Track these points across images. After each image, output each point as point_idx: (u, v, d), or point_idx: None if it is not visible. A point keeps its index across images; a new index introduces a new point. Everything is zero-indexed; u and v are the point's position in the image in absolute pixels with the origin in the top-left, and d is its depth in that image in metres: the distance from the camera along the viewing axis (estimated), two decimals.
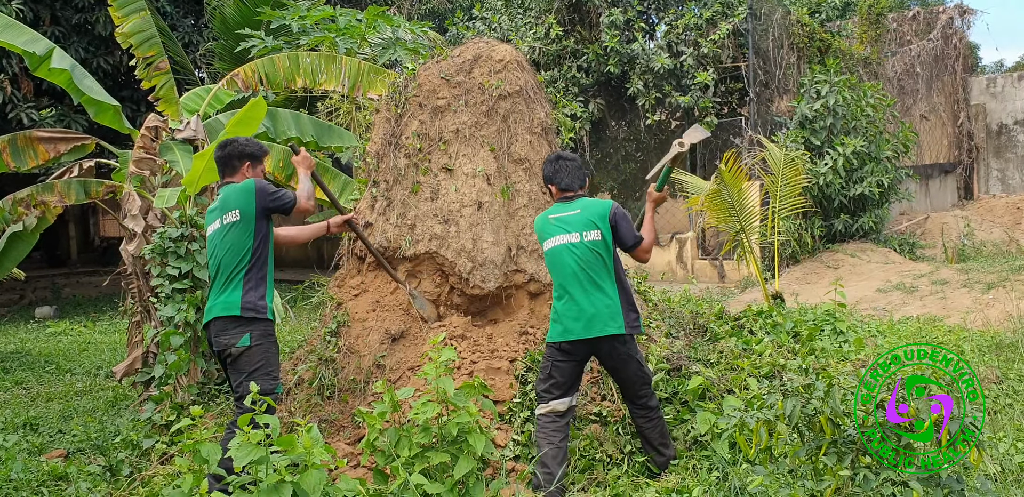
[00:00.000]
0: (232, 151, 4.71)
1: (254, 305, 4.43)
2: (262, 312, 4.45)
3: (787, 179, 8.69)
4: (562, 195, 4.72)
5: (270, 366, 4.41)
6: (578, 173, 4.74)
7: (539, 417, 4.56)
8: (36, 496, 4.96)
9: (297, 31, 9.56)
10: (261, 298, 4.47)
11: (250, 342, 4.38)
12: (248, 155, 4.72)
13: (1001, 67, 29.56)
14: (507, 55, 5.92)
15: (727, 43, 13.39)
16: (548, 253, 4.62)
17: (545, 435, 4.47)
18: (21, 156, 7.87)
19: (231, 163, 4.71)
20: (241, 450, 3.28)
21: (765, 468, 3.72)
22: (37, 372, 9.20)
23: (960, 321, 8.77)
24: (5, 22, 7.28)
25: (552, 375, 4.52)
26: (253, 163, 4.74)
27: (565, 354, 4.51)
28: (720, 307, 7.10)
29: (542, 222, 4.70)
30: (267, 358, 4.42)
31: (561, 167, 4.73)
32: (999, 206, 18.04)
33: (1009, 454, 4.60)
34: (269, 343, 4.45)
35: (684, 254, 14.68)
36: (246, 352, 4.38)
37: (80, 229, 23.64)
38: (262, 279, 4.52)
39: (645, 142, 15.81)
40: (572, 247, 4.53)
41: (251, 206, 4.50)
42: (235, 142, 4.76)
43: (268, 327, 4.48)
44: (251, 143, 4.80)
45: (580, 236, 4.54)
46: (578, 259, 4.50)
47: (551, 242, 4.59)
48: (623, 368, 4.55)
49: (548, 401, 4.52)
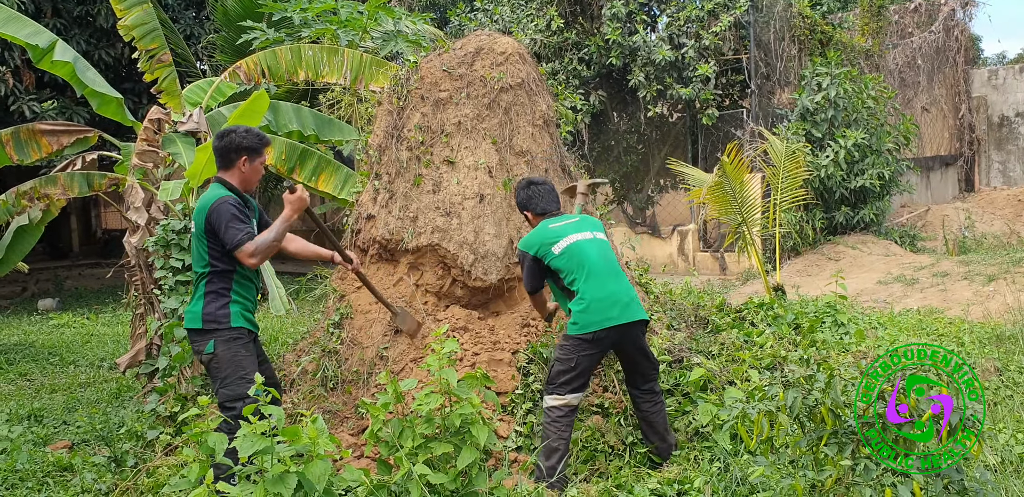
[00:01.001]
0: (228, 143, 4.39)
1: (214, 317, 4.30)
2: (224, 322, 4.30)
3: (788, 171, 8.69)
4: (539, 220, 4.81)
5: (241, 369, 4.26)
6: (551, 196, 4.84)
7: (552, 409, 4.49)
8: (41, 487, 4.99)
9: (299, 23, 9.55)
10: (223, 307, 4.30)
11: (214, 349, 4.27)
12: (245, 148, 4.39)
13: (1003, 59, 29.49)
14: (509, 47, 5.92)
15: (728, 35, 13.36)
16: (568, 249, 4.56)
17: (557, 431, 4.44)
18: (24, 149, 7.89)
19: (228, 156, 4.40)
20: (246, 440, 3.30)
21: (766, 459, 3.75)
22: (41, 364, 9.23)
23: (961, 313, 8.79)
24: (8, 14, 7.28)
25: (575, 367, 4.45)
26: (251, 156, 4.42)
27: (594, 345, 4.47)
28: (721, 299, 7.12)
29: (542, 232, 4.68)
30: (236, 362, 4.27)
31: (533, 193, 4.83)
32: (1000, 198, 18.03)
33: (1009, 445, 4.63)
34: (237, 346, 4.30)
35: (686, 246, 14.69)
36: (213, 359, 4.29)
37: (82, 221, 23.65)
38: (224, 290, 4.34)
39: (646, 134, 15.80)
40: (590, 241, 4.61)
41: (200, 226, 4.30)
42: (232, 133, 4.41)
43: (235, 333, 4.32)
44: (250, 134, 4.43)
45: (592, 234, 4.65)
46: (599, 251, 4.59)
47: (567, 241, 4.59)
48: (642, 354, 4.63)
49: (564, 394, 4.48)
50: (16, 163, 8.01)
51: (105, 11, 14.26)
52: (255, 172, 4.48)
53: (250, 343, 4.40)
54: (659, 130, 15.71)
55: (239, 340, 4.33)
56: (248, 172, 4.44)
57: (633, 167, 15.95)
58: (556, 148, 6.05)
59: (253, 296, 4.48)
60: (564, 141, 7.01)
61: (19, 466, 5.24)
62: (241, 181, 4.45)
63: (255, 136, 4.45)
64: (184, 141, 7.18)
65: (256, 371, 4.18)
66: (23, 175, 12.56)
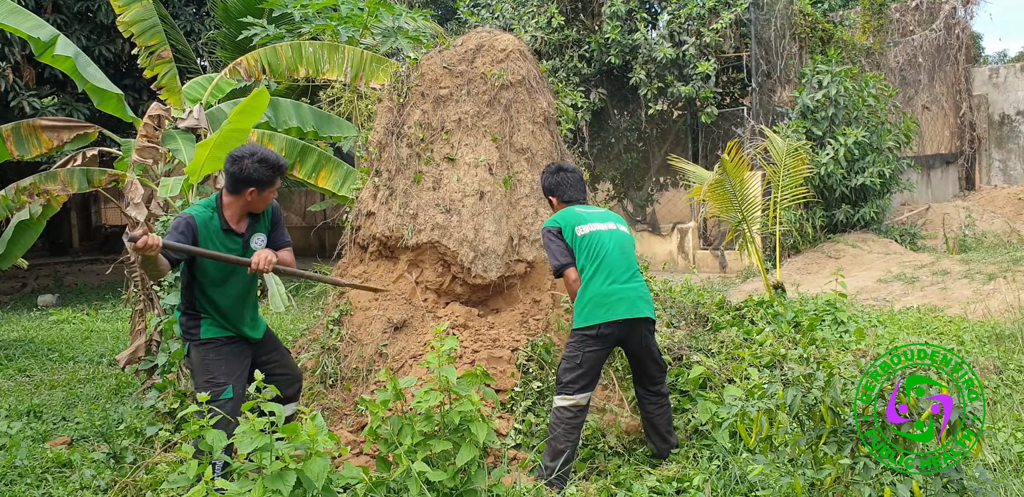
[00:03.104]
0: (238, 172, 4.16)
1: (186, 328, 4.39)
2: (194, 333, 4.33)
3: (789, 169, 8.68)
4: (565, 206, 4.75)
5: (208, 374, 4.27)
6: (580, 186, 4.79)
7: (560, 410, 4.43)
8: (40, 483, 4.99)
9: (299, 19, 9.54)
10: (193, 322, 4.34)
11: (188, 353, 4.41)
12: (255, 181, 4.18)
13: (1004, 57, 29.48)
14: (509, 45, 5.91)
15: (729, 33, 13.36)
16: (587, 236, 4.52)
17: (564, 432, 4.38)
18: (25, 144, 7.89)
19: (236, 184, 4.20)
20: (245, 437, 3.30)
21: (765, 457, 3.74)
22: (40, 360, 9.23)
23: (961, 311, 8.79)
24: (9, 8, 7.28)
25: (581, 364, 4.40)
26: (260, 189, 4.21)
27: (599, 340, 4.41)
28: (721, 297, 7.12)
29: (570, 213, 4.63)
30: (204, 366, 4.29)
31: (562, 180, 4.77)
32: (1001, 197, 18.03)
33: (1008, 444, 4.63)
34: (207, 351, 4.31)
35: (686, 244, 14.69)
36: (189, 361, 4.43)
37: (82, 217, 23.66)
38: (191, 307, 4.34)
39: (647, 132, 15.79)
40: (611, 233, 4.56)
41: None
42: (246, 160, 4.15)
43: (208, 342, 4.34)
44: (264, 166, 4.17)
45: (615, 226, 4.61)
46: (618, 244, 4.54)
47: (588, 227, 4.54)
48: (648, 353, 4.58)
49: (573, 393, 4.41)
50: (17, 158, 8.01)
51: (105, 7, 14.27)
52: (263, 201, 4.33)
53: (224, 346, 4.36)
54: (659, 128, 15.71)
55: (210, 345, 4.34)
56: (254, 201, 4.29)
57: (633, 165, 15.95)
58: (556, 145, 6.04)
59: (229, 306, 4.37)
60: (564, 138, 7.00)
61: (18, 462, 5.23)
62: (242, 207, 4.32)
63: (269, 168, 4.20)
64: (184, 137, 7.17)
65: (227, 374, 4.26)
66: (23, 171, 12.55)
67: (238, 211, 4.33)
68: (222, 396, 4.20)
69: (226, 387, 4.25)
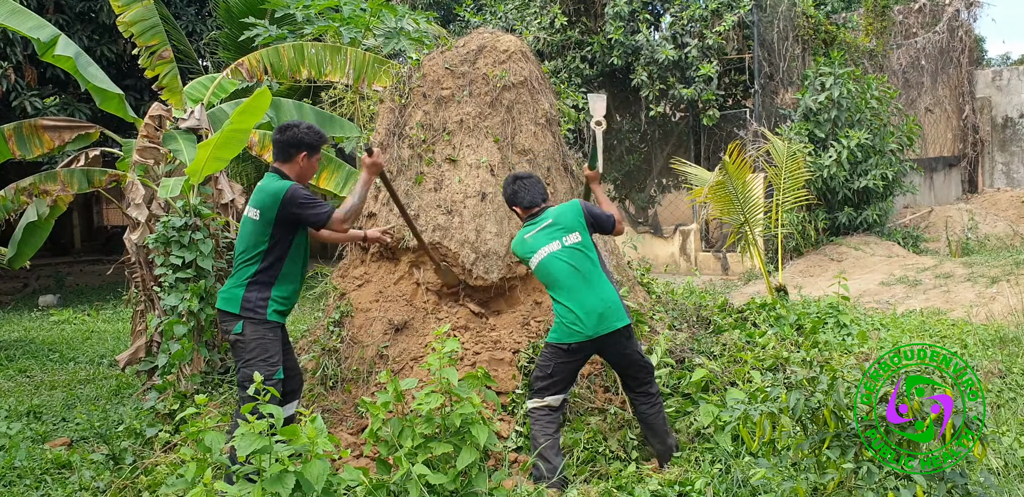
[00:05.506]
0: (290, 138, 4.45)
1: (253, 305, 4.38)
2: (260, 313, 4.38)
3: (791, 171, 8.67)
4: (528, 213, 4.79)
5: (266, 353, 4.36)
6: (537, 188, 4.83)
7: (532, 411, 4.56)
8: (39, 484, 4.98)
9: (301, 20, 9.52)
10: (263, 300, 4.39)
11: (242, 330, 4.36)
12: (306, 145, 4.46)
13: (1007, 60, 29.47)
14: (512, 45, 5.90)
15: (732, 35, 13.35)
16: (538, 268, 4.61)
17: (540, 428, 4.49)
18: (27, 144, 7.87)
19: (287, 150, 4.46)
20: (245, 439, 3.28)
21: (768, 461, 3.72)
22: (41, 360, 9.22)
23: (964, 315, 8.76)
24: (11, 7, 7.26)
25: (552, 374, 4.51)
26: (310, 153, 4.49)
27: (570, 354, 4.49)
28: (723, 299, 7.09)
29: (519, 243, 4.73)
30: (262, 345, 4.36)
31: (519, 187, 4.82)
32: (1004, 200, 18.00)
33: (1013, 448, 4.60)
34: (265, 329, 4.38)
35: (688, 246, 14.67)
36: (240, 339, 4.38)
37: (84, 218, 23.65)
38: (269, 283, 4.42)
39: (648, 134, 15.78)
40: (557, 254, 4.57)
41: (272, 213, 4.33)
42: (295, 128, 4.47)
43: (268, 323, 4.41)
44: (311, 131, 4.50)
45: (560, 243, 4.60)
46: (567, 263, 4.54)
47: (536, 257, 4.61)
48: (628, 360, 4.58)
49: (544, 397, 4.53)
50: (19, 158, 7.99)
51: (107, 7, 14.24)
52: (311, 168, 4.57)
53: (279, 330, 4.50)
54: (661, 130, 15.70)
55: (269, 325, 4.42)
56: (305, 167, 4.53)
57: (635, 166, 15.94)
58: (558, 147, 6.03)
59: (291, 294, 4.53)
60: (566, 140, 6.98)
61: (17, 463, 5.22)
62: (297, 174, 4.52)
63: (316, 134, 4.52)
64: (185, 138, 7.14)
65: (280, 357, 4.40)
66: (24, 172, 12.53)
67: (292, 178, 4.50)
68: (275, 376, 4.33)
69: (278, 368, 4.38)
